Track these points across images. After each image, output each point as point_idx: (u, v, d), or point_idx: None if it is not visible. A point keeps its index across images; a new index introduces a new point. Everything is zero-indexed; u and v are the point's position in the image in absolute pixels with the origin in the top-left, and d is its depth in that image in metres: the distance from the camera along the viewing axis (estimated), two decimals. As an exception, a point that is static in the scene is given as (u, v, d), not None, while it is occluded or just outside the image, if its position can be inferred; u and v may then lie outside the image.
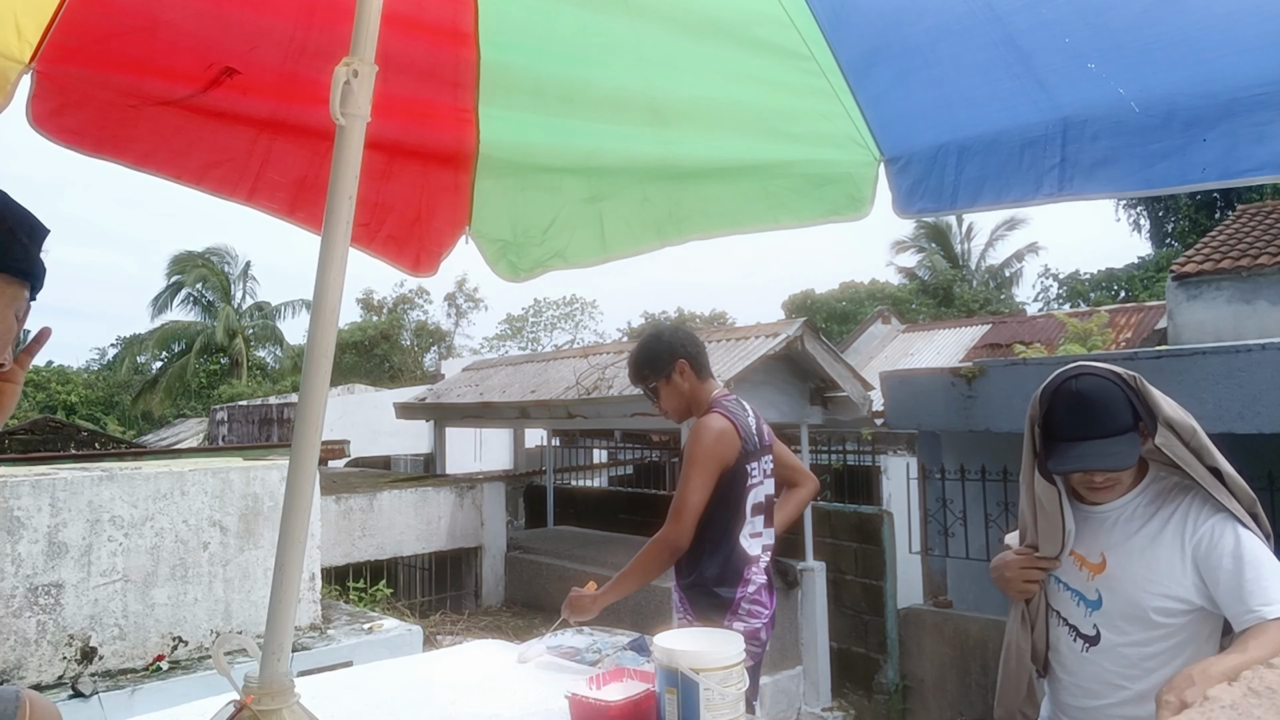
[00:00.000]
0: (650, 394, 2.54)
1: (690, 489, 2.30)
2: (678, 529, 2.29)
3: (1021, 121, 1.44)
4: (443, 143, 1.91)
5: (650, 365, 2.50)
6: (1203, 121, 1.25)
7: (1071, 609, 1.71)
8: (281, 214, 1.83)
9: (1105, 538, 1.67)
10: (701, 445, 2.33)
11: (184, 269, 28.20)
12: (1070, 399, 1.60)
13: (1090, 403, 1.58)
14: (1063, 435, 1.60)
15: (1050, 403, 1.63)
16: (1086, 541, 1.70)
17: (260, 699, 1.02)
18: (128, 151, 1.70)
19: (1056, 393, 1.62)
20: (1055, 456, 1.60)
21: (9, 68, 1.53)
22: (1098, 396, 1.58)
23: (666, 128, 1.80)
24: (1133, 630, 1.60)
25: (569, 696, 1.70)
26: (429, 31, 1.74)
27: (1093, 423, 1.57)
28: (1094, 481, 1.63)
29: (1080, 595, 1.69)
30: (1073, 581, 1.71)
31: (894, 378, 7.81)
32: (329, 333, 1.09)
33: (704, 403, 2.49)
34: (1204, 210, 22.69)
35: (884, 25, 1.50)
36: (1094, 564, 1.67)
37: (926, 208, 1.60)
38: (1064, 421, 1.60)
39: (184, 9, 1.59)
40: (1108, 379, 1.59)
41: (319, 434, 1.09)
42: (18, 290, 0.95)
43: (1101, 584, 1.65)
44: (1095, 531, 1.69)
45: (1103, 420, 1.56)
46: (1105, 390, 1.58)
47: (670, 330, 2.60)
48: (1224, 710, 0.62)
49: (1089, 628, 1.67)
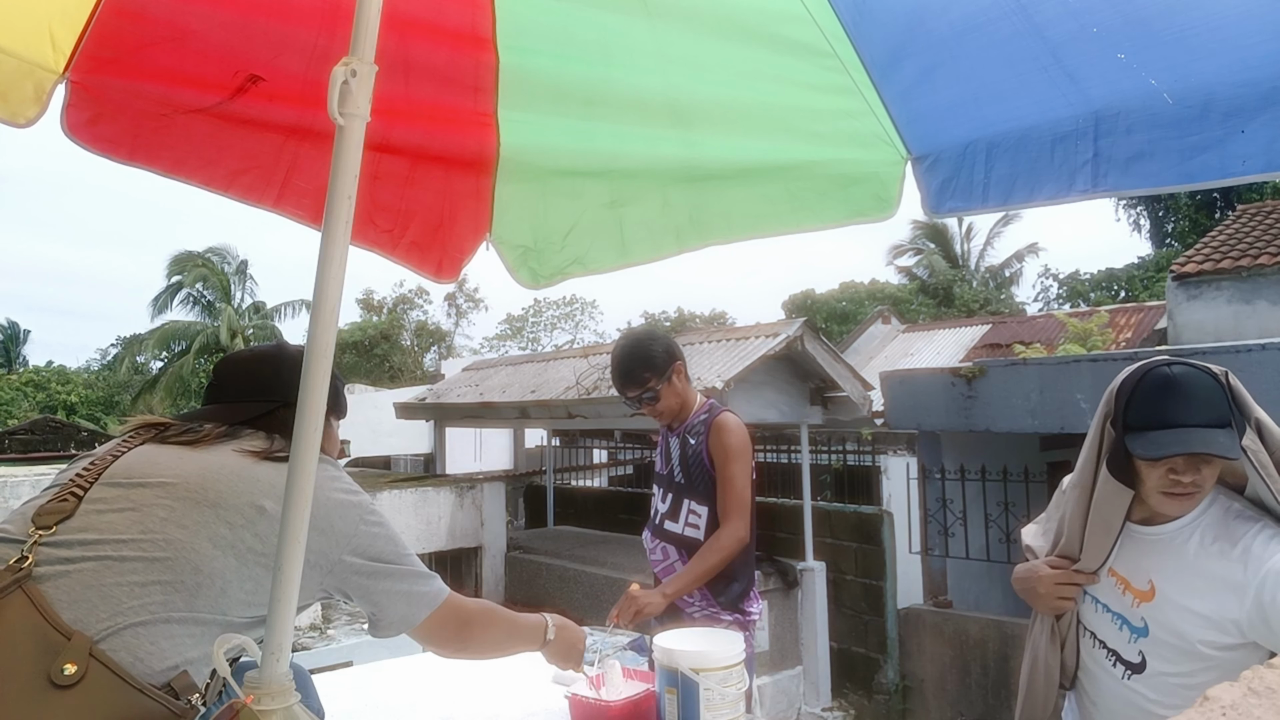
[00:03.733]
0: (647, 396, 2.52)
1: (744, 484, 2.42)
2: (746, 523, 2.40)
3: (1051, 116, 1.40)
4: (464, 148, 1.91)
5: (649, 367, 2.50)
6: (1243, 112, 1.20)
7: (1112, 633, 1.58)
8: (307, 220, 1.84)
9: (1154, 563, 1.52)
10: (738, 442, 2.44)
11: (184, 269, 28.18)
12: (1166, 383, 1.44)
13: (1191, 388, 1.42)
14: (1157, 422, 1.43)
15: (1135, 390, 1.48)
16: (1130, 563, 1.55)
17: (260, 699, 1.02)
18: (159, 159, 1.71)
19: (1145, 380, 1.47)
20: (1150, 443, 1.43)
21: (45, 78, 1.55)
22: (1197, 383, 1.43)
23: (688, 129, 1.78)
24: (1182, 662, 1.48)
25: (569, 696, 1.70)
26: (448, 36, 1.74)
27: (1195, 408, 1.41)
28: (1182, 482, 1.44)
29: (1124, 620, 1.56)
30: (1114, 604, 1.58)
31: (894, 378, 7.82)
32: (329, 333, 1.09)
33: (692, 402, 2.59)
34: (1204, 210, 22.70)
35: (908, 20, 1.48)
36: (1140, 590, 1.53)
37: (957, 207, 1.56)
38: (1159, 407, 1.44)
39: (210, 18, 1.61)
40: (1199, 369, 1.45)
41: (319, 434, 1.09)
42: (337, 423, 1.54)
43: (1149, 613, 1.51)
44: (1143, 554, 1.54)
45: (1205, 407, 1.41)
46: (1201, 378, 1.44)
47: (658, 332, 2.66)
48: (1224, 710, 0.62)
49: (1133, 654, 1.55)
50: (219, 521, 1.20)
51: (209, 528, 1.19)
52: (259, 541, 1.21)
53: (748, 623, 2.48)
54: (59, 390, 28.59)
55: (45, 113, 1.56)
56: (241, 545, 1.20)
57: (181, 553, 1.16)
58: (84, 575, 1.12)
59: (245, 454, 1.30)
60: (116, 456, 1.27)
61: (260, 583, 1.21)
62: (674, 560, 2.52)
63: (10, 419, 24.15)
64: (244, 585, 1.20)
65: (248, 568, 1.20)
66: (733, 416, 2.51)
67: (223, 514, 1.21)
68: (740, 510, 2.39)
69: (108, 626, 1.09)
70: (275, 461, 1.30)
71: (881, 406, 7.77)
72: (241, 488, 1.25)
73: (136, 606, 1.12)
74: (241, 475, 1.26)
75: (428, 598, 1.39)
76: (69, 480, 1.23)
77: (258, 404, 1.41)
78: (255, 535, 1.21)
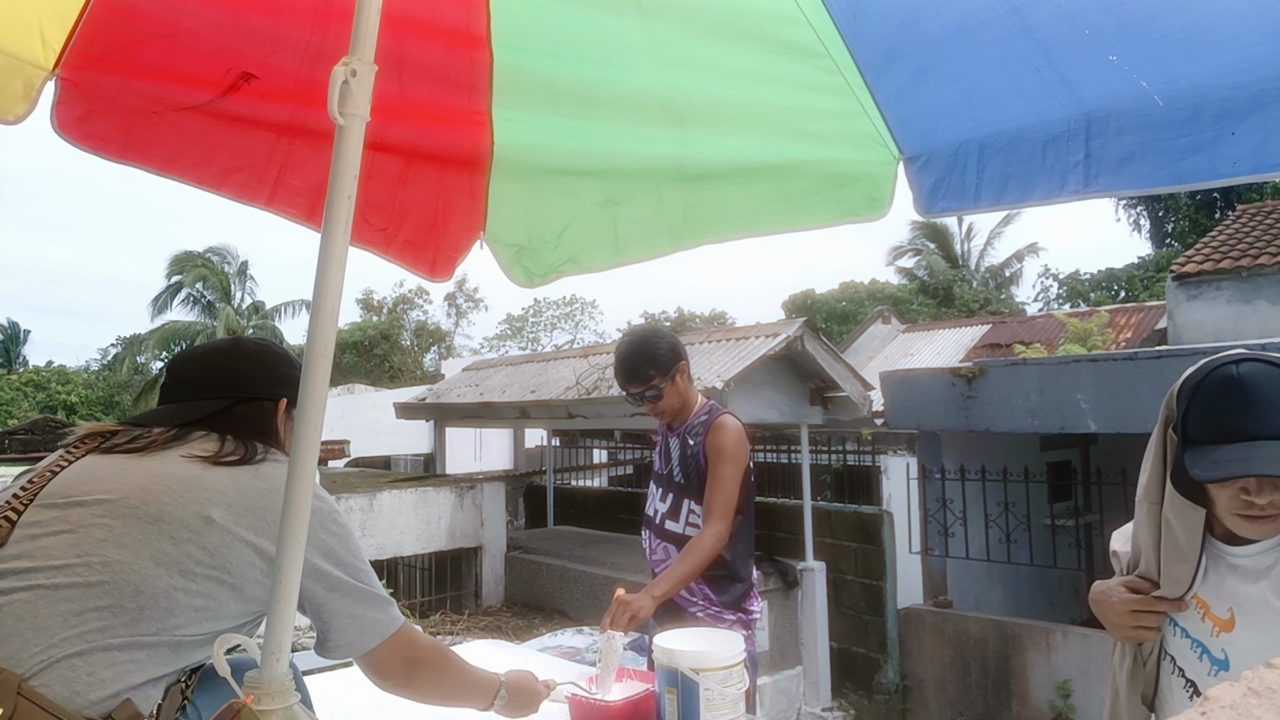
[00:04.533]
0: (650, 393, 2.51)
1: (732, 486, 2.40)
2: (727, 526, 2.37)
3: (1043, 117, 1.41)
4: (458, 146, 1.91)
5: (655, 364, 2.50)
6: (1233, 114, 1.21)
7: (1192, 662, 1.36)
8: (301, 219, 1.84)
9: (1236, 589, 1.31)
10: (734, 444, 2.43)
11: (184, 269, 28.18)
12: (1230, 386, 1.23)
13: (1259, 391, 1.21)
14: (1218, 435, 1.22)
15: (1195, 394, 1.27)
16: (1213, 585, 1.34)
17: (260, 699, 1.02)
18: (151, 157, 1.71)
19: (1206, 381, 1.26)
20: (1210, 462, 1.22)
21: (34, 75, 1.55)
22: (1268, 384, 1.21)
23: (682, 128, 1.79)
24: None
25: (569, 696, 1.70)
26: (442, 35, 1.74)
27: (1263, 417, 1.19)
28: (1256, 504, 1.22)
29: (1204, 649, 1.35)
30: (1193, 630, 1.37)
31: (894, 378, 7.82)
32: (329, 333, 1.09)
33: (693, 402, 2.60)
34: (1204, 210, 22.70)
35: (901, 21, 1.48)
36: (1220, 618, 1.32)
37: (950, 207, 1.57)
38: (1220, 416, 1.23)
39: (202, 16, 1.61)
40: (1276, 365, 1.23)
41: (319, 434, 1.09)
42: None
43: (1229, 645, 1.31)
44: (1225, 576, 1.33)
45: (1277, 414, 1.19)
46: (1275, 378, 1.21)
47: (667, 332, 2.66)
48: (1224, 710, 0.62)
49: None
50: (162, 537, 1.15)
51: (151, 545, 1.14)
52: (207, 554, 1.16)
53: (750, 621, 2.49)
54: (59, 390, 28.57)
55: (34, 110, 1.55)
56: (188, 560, 1.15)
57: (121, 574, 1.11)
58: (16, 608, 1.07)
59: (194, 460, 1.24)
60: (56, 472, 1.21)
61: (213, 597, 1.17)
62: (671, 560, 2.50)
63: (10, 419, 24.14)
64: (193, 602, 1.15)
65: (196, 583, 1.15)
66: (731, 419, 2.51)
67: (166, 529, 1.16)
68: (724, 510, 2.38)
69: (40, 661, 1.05)
70: (226, 466, 1.25)
71: (881, 406, 7.77)
72: (187, 498, 1.19)
73: (72, 636, 1.07)
74: (188, 485, 1.20)
75: (380, 626, 1.32)
76: (4, 504, 1.17)
77: (212, 401, 1.35)
78: (203, 549, 1.16)
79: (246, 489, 1.24)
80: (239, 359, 1.43)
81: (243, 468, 1.27)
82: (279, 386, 1.42)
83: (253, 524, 1.21)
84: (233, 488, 1.23)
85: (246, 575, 1.20)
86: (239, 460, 1.27)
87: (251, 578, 1.20)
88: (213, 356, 1.44)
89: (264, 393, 1.41)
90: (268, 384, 1.42)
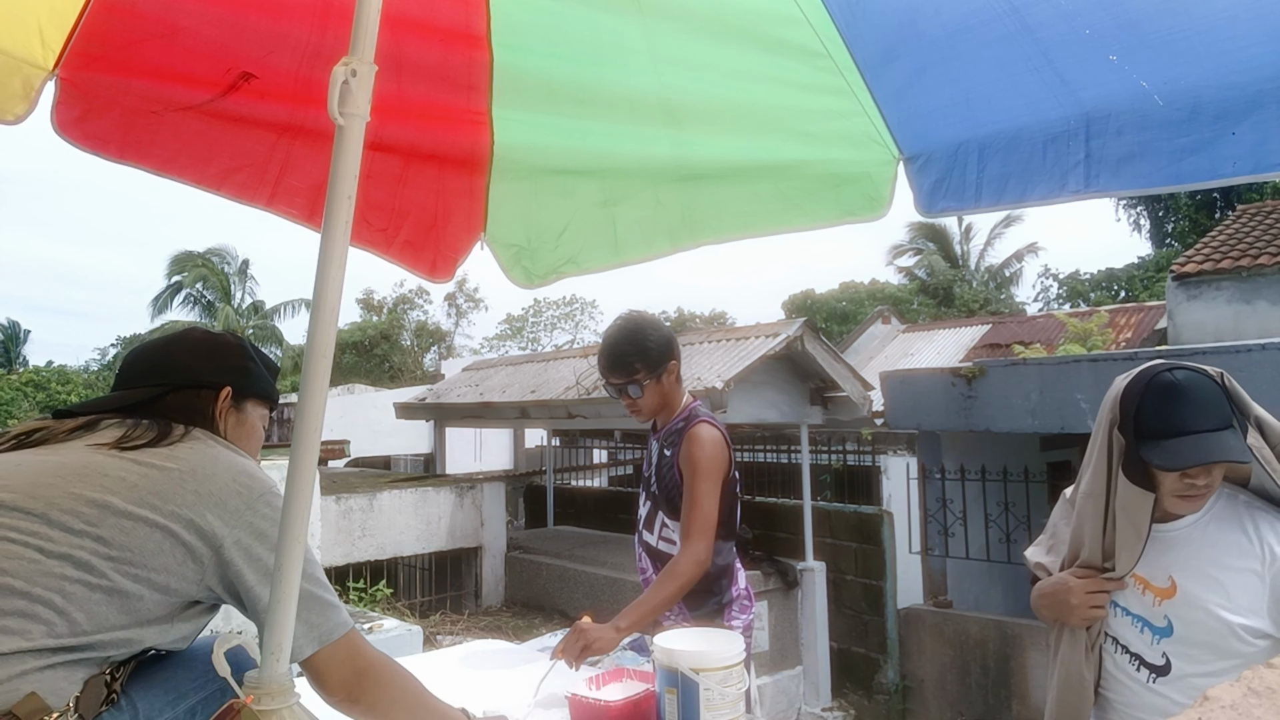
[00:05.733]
0: (632, 387, 2.30)
1: (709, 504, 2.21)
2: (707, 546, 2.17)
3: (1043, 117, 1.42)
4: (458, 146, 1.91)
5: (643, 358, 2.28)
6: (1232, 114, 1.22)
7: (1134, 636, 1.58)
8: (301, 219, 1.84)
9: (1172, 559, 1.54)
10: (708, 456, 2.23)
11: (184, 269, 28.21)
12: (1172, 390, 1.47)
13: (1197, 394, 1.46)
14: (1170, 430, 1.46)
15: (1144, 399, 1.50)
16: (1149, 562, 1.56)
17: (260, 699, 1.02)
18: (151, 157, 1.71)
19: (1150, 386, 1.50)
20: (1166, 453, 1.46)
21: (33, 75, 1.55)
22: (1201, 387, 1.47)
23: (680, 128, 1.79)
24: (1208, 660, 1.48)
25: (569, 696, 1.70)
26: (441, 34, 1.74)
27: (1204, 415, 1.45)
28: (1197, 485, 1.48)
29: (1145, 622, 1.57)
30: (1134, 606, 1.59)
31: (894, 378, 7.82)
32: (329, 333, 1.09)
33: (676, 406, 2.38)
34: (1204, 210, 22.69)
35: (900, 21, 1.49)
36: (1161, 588, 1.54)
37: (950, 207, 1.56)
38: (1169, 415, 1.46)
39: (201, 15, 1.61)
40: (1200, 373, 1.49)
41: (319, 434, 1.09)
42: (266, 409, 1.47)
43: (1172, 610, 1.52)
44: (1161, 552, 1.55)
45: (1212, 412, 1.45)
46: (1204, 383, 1.47)
47: (660, 322, 2.40)
48: (1224, 710, 0.62)
49: (1157, 657, 1.55)
50: (52, 529, 1.10)
51: (37, 540, 1.09)
52: (102, 544, 1.11)
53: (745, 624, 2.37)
54: (59, 390, 28.55)
55: (34, 110, 1.56)
56: (82, 552, 1.10)
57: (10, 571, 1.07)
58: None
59: (96, 448, 1.20)
60: None
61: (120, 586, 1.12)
62: (650, 572, 2.40)
63: (10, 419, 24.14)
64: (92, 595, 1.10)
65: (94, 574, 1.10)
66: (708, 428, 2.27)
67: (55, 520, 1.11)
68: (701, 531, 2.17)
69: None
70: (130, 450, 1.20)
71: (881, 406, 7.77)
72: (78, 488, 1.14)
73: None
74: (81, 474, 1.16)
75: (321, 630, 1.22)
76: None
77: (147, 389, 1.32)
78: (98, 539, 1.11)
79: (153, 472, 1.19)
80: (181, 348, 1.40)
81: (152, 450, 1.21)
82: (222, 375, 1.38)
83: (159, 507, 1.16)
84: (137, 471, 1.18)
85: (158, 561, 1.15)
86: (148, 444, 1.22)
87: (163, 565, 1.15)
88: (157, 346, 1.42)
89: (202, 380, 1.36)
90: (208, 372, 1.38)
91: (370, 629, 4.68)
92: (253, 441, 1.44)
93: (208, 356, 1.40)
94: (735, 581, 2.37)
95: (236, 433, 1.40)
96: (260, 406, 1.46)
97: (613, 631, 2.01)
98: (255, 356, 1.47)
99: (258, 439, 1.46)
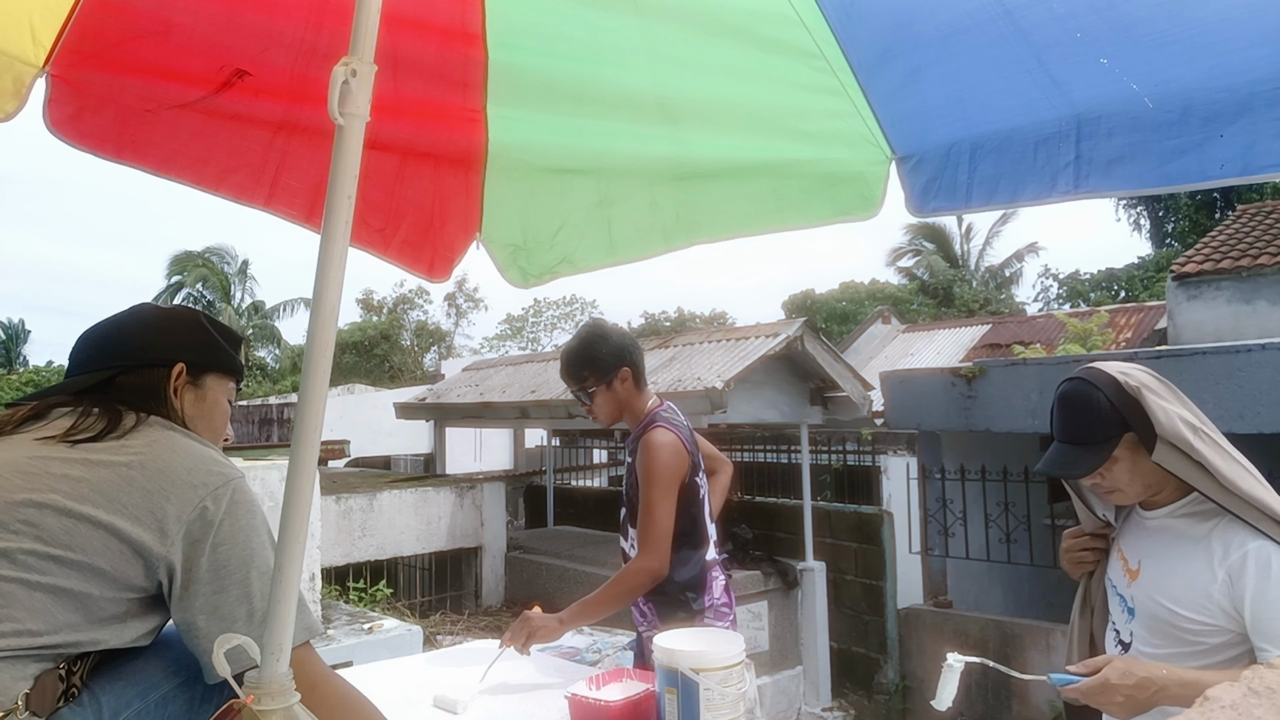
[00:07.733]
0: (583, 396, 2.36)
1: (661, 511, 2.19)
2: (658, 555, 2.16)
3: (1035, 118, 1.43)
4: (453, 144, 1.91)
5: (591, 366, 2.32)
6: (1221, 116, 1.23)
7: (1117, 612, 1.67)
8: (299, 219, 1.83)
9: (1144, 544, 1.61)
10: (660, 464, 2.21)
11: (184, 269, 28.22)
12: (1058, 400, 1.60)
13: (1065, 408, 1.58)
14: (1051, 437, 1.61)
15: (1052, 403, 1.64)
16: (1130, 543, 1.65)
17: (260, 699, 1.02)
18: (148, 156, 1.69)
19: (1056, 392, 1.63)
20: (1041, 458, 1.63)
21: (24, 71, 1.52)
22: (1075, 403, 1.56)
23: (676, 127, 1.79)
24: (1160, 644, 1.53)
25: (569, 696, 1.70)
26: (437, 32, 1.74)
27: (1066, 427, 1.57)
28: (1098, 484, 1.59)
29: (1122, 599, 1.65)
30: (1117, 582, 1.68)
31: (894, 378, 7.81)
32: (329, 333, 1.09)
33: (639, 412, 2.37)
34: (1204, 210, 22.70)
35: (895, 22, 1.50)
36: (1132, 570, 1.62)
37: (941, 206, 1.58)
38: (1053, 423, 1.61)
39: (195, 12, 1.59)
40: (1096, 386, 1.54)
41: (319, 434, 1.09)
42: (230, 383, 1.41)
43: (1135, 592, 1.60)
44: (1139, 536, 1.64)
45: (1072, 427, 1.56)
46: (1086, 397, 1.54)
47: (616, 332, 2.42)
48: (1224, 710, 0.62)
49: (1126, 634, 1.62)
50: None
51: None
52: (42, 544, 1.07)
53: None
54: (59, 390, 28.55)
55: (24, 107, 1.53)
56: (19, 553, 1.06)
57: None
58: None
59: (44, 441, 1.15)
60: None
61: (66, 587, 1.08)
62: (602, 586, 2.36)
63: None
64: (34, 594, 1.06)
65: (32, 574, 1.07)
66: (661, 433, 2.25)
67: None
68: (654, 541, 2.15)
69: None
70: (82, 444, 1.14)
71: (881, 406, 7.77)
72: (18, 484, 1.10)
73: None
74: (23, 471, 1.11)
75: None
76: None
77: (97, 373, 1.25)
78: (38, 539, 1.07)
79: (100, 469, 1.14)
80: (131, 326, 1.33)
81: (101, 443, 1.16)
82: (175, 351, 1.31)
83: (104, 504, 1.11)
84: (82, 468, 1.13)
85: (104, 560, 1.11)
86: (97, 435, 1.17)
87: (110, 563, 1.11)
88: (107, 326, 1.34)
89: (154, 359, 1.29)
90: (160, 349, 1.31)
91: (370, 629, 4.69)
92: (215, 419, 1.37)
93: (159, 332, 1.33)
94: (708, 592, 2.32)
95: (195, 410, 1.33)
96: (222, 381, 1.38)
97: (556, 623, 2.13)
98: (213, 328, 1.40)
99: (221, 415, 1.39)
